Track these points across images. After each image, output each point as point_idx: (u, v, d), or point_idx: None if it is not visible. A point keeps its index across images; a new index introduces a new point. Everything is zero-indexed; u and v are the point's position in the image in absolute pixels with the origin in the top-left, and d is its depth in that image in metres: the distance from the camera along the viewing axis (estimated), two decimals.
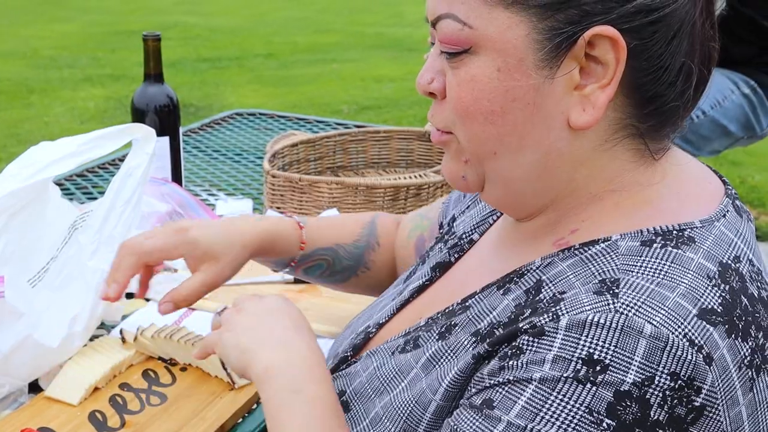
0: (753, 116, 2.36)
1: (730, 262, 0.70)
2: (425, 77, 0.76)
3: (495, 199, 0.78)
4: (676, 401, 0.62)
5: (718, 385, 0.64)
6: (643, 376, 0.62)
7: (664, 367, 0.62)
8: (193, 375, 1.16)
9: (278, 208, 1.68)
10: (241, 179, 1.98)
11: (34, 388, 1.13)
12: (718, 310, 0.66)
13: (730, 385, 0.65)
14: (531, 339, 0.66)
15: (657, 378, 0.62)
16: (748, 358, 0.66)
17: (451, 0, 0.71)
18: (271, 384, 0.79)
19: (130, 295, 1.29)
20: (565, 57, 0.69)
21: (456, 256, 0.91)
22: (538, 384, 0.64)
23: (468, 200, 0.99)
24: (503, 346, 0.68)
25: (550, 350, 0.64)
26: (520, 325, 0.67)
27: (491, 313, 0.74)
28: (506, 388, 0.65)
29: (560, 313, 0.65)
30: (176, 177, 1.66)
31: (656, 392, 0.62)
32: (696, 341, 0.63)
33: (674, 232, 0.70)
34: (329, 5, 9.90)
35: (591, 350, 0.63)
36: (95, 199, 1.81)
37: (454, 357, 0.74)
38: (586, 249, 0.71)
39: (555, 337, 0.64)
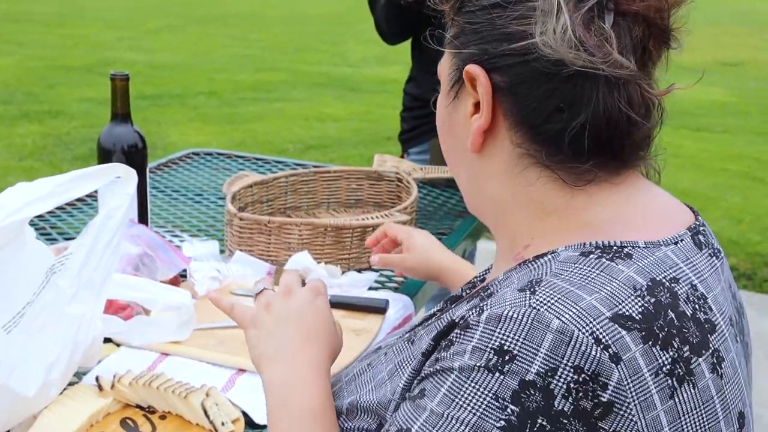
0: None
1: (665, 280, 0.74)
2: None
3: (473, 213, 0.90)
4: (581, 394, 0.66)
5: (627, 384, 0.68)
6: (547, 368, 0.67)
7: (567, 360, 0.67)
8: (174, 423, 1.13)
9: (247, 250, 1.66)
10: (204, 220, 1.96)
11: None
12: (636, 318, 0.70)
13: (643, 388, 0.68)
14: (459, 332, 0.72)
15: (560, 370, 0.66)
16: (668, 367, 0.70)
17: None
18: (269, 396, 0.91)
19: (107, 340, 1.25)
20: (460, 90, 0.82)
21: (467, 290, 1.00)
22: (458, 373, 0.69)
23: None
24: (442, 340, 0.75)
25: (471, 341, 0.70)
26: (455, 319, 0.74)
27: (453, 316, 0.79)
28: (435, 378, 0.71)
29: (485, 308, 0.71)
30: (143, 218, 1.63)
31: (560, 383, 0.66)
32: (602, 340, 0.68)
33: (614, 247, 0.75)
34: (273, 43, 9.92)
35: (502, 341, 0.68)
36: (55, 240, 1.77)
37: (412, 355, 0.81)
38: (536, 260, 0.77)
39: (476, 329, 0.70)
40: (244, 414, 1.15)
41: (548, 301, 0.69)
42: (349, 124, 6.56)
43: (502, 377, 0.67)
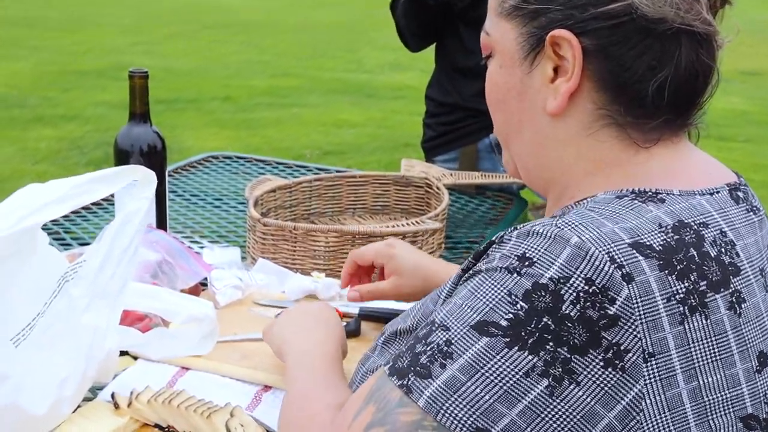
0: None
1: (693, 223, 0.77)
2: None
3: (523, 178, 0.92)
4: (588, 303, 0.71)
5: (636, 303, 0.71)
6: (561, 275, 0.72)
7: (581, 272, 0.72)
8: None
9: (271, 258, 1.57)
10: (224, 225, 1.87)
11: None
12: (656, 248, 0.74)
13: (653, 310, 0.72)
14: (495, 246, 0.78)
15: (573, 279, 0.71)
16: (681, 296, 0.73)
17: (489, 17, 0.90)
18: (288, 357, 1.03)
19: (124, 353, 1.17)
20: (538, 55, 0.84)
21: None
22: (484, 273, 0.76)
23: None
24: (481, 257, 0.81)
25: (501, 251, 0.76)
26: (494, 239, 0.80)
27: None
28: (465, 281, 0.79)
29: (518, 227, 0.78)
30: (161, 223, 1.55)
31: (570, 290, 0.71)
32: (617, 260, 0.72)
33: (649, 193, 0.80)
34: (286, 50, 9.85)
35: (525, 250, 0.75)
36: (69, 246, 1.69)
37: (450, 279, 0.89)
38: (575, 204, 0.83)
39: (508, 242, 0.77)
40: None
41: (572, 223, 0.75)
42: (366, 130, 6.47)
43: (518, 278, 0.73)
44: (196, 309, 1.15)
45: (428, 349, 0.75)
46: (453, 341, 0.74)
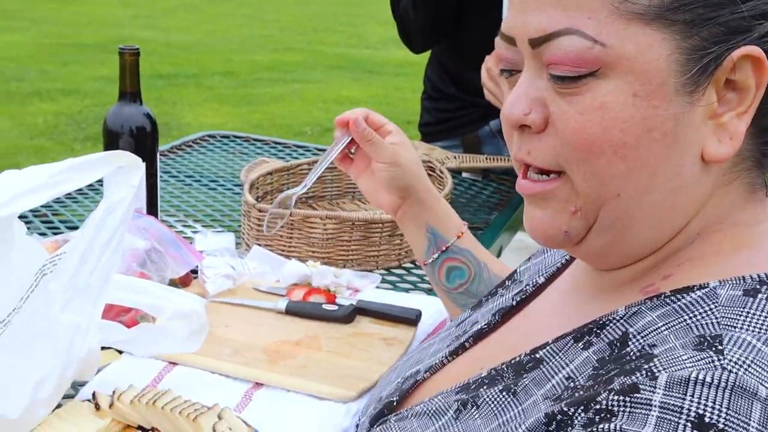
0: None
1: None
2: (519, 108, 0.64)
3: (594, 250, 0.67)
4: None
5: None
6: None
7: None
8: None
9: (266, 245, 1.50)
10: (219, 209, 1.80)
11: None
12: None
13: None
14: (623, 399, 0.54)
15: None
16: None
17: (574, 14, 0.60)
18: None
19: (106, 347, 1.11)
20: (710, 81, 0.60)
21: (518, 300, 0.83)
22: None
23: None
24: (583, 409, 0.57)
25: (650, 411, 0.53)
26: (607, 385, 0.57)
27: (567, 366, 0.64)
28: None
29: (655, 370, 0.55)
30: (152, 208, 1.48)
31: None
32: None
33: None
34: (291, 24, 9.75)
35: (700, 411, 0.52)
36: (57, 229, 1.62)
37: (523, 415, 0.64)
38: (679, 297, 0.62)
39: (653, 397, 0.54)
40: None
41: (744, 362, 0.55)
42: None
43: None
44: (184, 304, 1.08)
45: None
46: None
